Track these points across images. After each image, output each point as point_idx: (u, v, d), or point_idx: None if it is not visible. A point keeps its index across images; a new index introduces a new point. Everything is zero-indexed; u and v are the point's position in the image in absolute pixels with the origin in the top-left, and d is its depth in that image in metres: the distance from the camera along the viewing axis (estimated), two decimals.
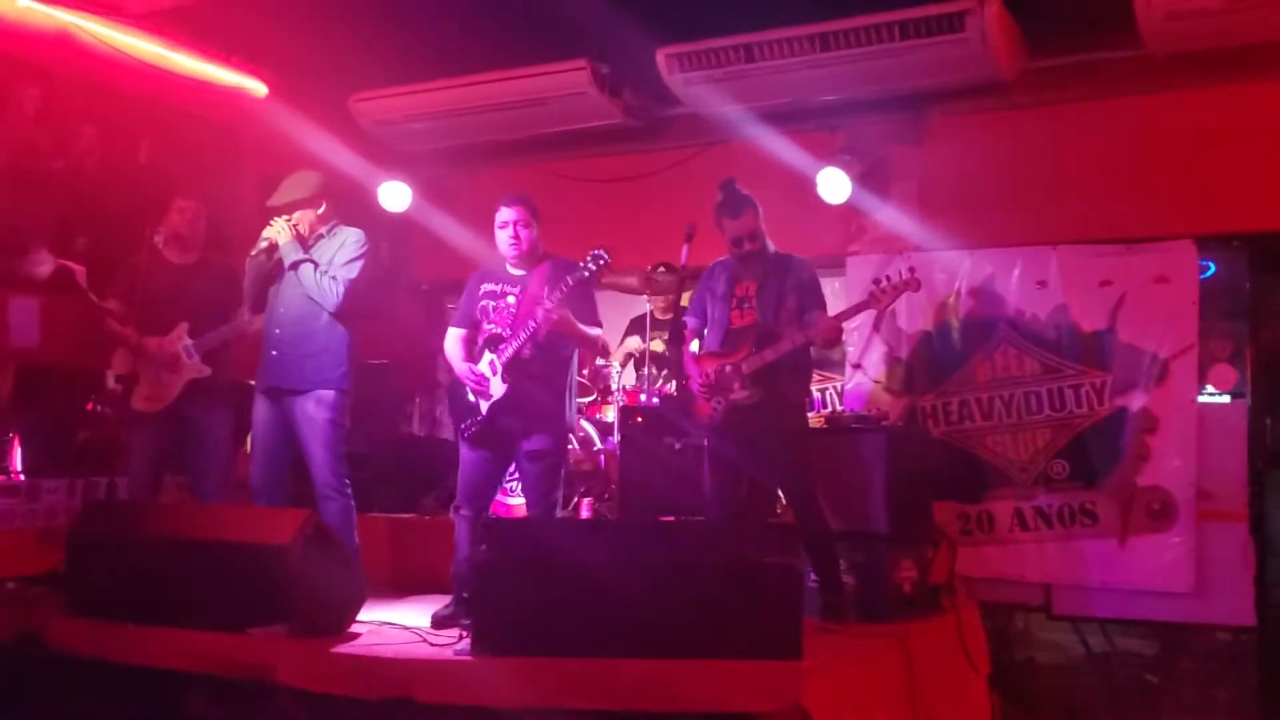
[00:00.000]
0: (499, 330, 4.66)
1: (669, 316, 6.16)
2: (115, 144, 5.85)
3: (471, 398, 4.66)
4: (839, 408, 6.33)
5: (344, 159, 6.55)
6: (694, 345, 4.95)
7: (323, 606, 4.18)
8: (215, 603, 4.10)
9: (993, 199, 6.05)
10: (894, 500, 4.83)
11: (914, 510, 5.04)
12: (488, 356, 4.66)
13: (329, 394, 4.92)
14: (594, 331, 4.75)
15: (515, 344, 4.55)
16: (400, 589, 5.40)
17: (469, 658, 3.80)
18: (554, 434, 4.67)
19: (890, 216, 6.30)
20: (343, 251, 4.98)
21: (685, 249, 5.40)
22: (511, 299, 4.67)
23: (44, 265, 5.37)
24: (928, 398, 6.23)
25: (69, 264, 5.11)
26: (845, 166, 6.11)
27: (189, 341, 5.22)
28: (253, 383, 5.14)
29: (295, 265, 4.91)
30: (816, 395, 6.58)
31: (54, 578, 4.63)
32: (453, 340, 4.84)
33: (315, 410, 4.90)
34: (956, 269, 6.18)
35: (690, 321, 4.95)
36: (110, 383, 5.40)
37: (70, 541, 4.48)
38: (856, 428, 5.14)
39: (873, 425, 5.16)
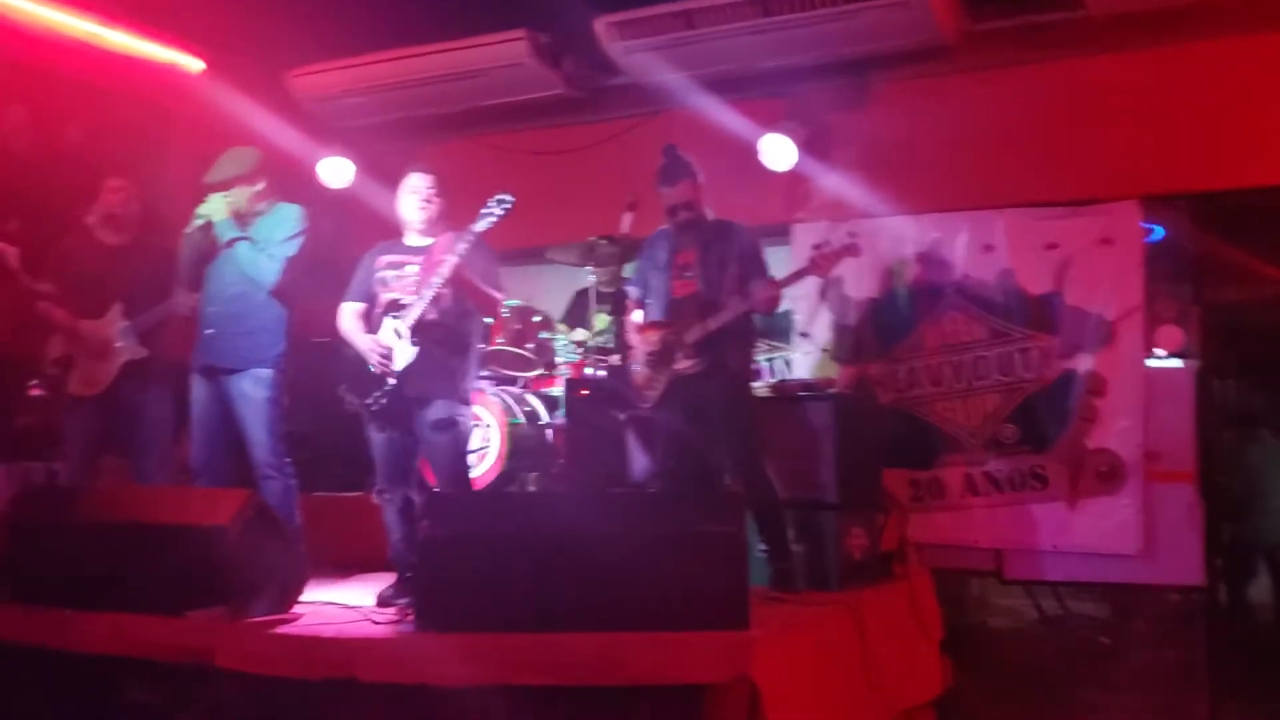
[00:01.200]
0: (399, 297, 4.53)
1: (612, 289, 6.11)
2: (45, 124, 5.73)
3: (376, 369, 4.50)
4: (787, 376, 6.28)
5: (283, 135, 6.44)
6: (637, 316, 4.90)
7: (263, 588, 4.12)
8: (154, 586, 4.04)
9: (938, 164, 6.02)
10: (843, 468, 4.81)
11: (863, 477, 5.03)
12: (390, 324, 4.50)
13: (266, 372, 4.84)
14: (495, 294, 4.64)
15: (420, 305, 4.42)
16: (345, 569, 5.36)
17: (412, 635, 3.77)
18: (458, 399, 4.55)
19: (835, 183, 6.26)
20: (281, 228, 4.88)
21: (628, 218, 5.37)
22: (412, 268, 4.55)
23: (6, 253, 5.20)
24: (876, 365, 6.22)
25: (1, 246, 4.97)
26: (789, 133, 6.06)
27: (124, 323, 5.11)
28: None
29: (231, 243, 4.80)
30: (765, 365, 6.55)
31: None
32: (348, 315, 4.67)
33: (252, 389, 4.82)
34: (903, 235, 6.15)
35: (632, 291, 4.92)
36: (47, 366, 5.26)
37: (6, 527, 4.39)
38: (803, 396, 5.11)
39: (820, 393, 5.13)
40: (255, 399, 4.82)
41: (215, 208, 4.84)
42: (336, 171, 6.98)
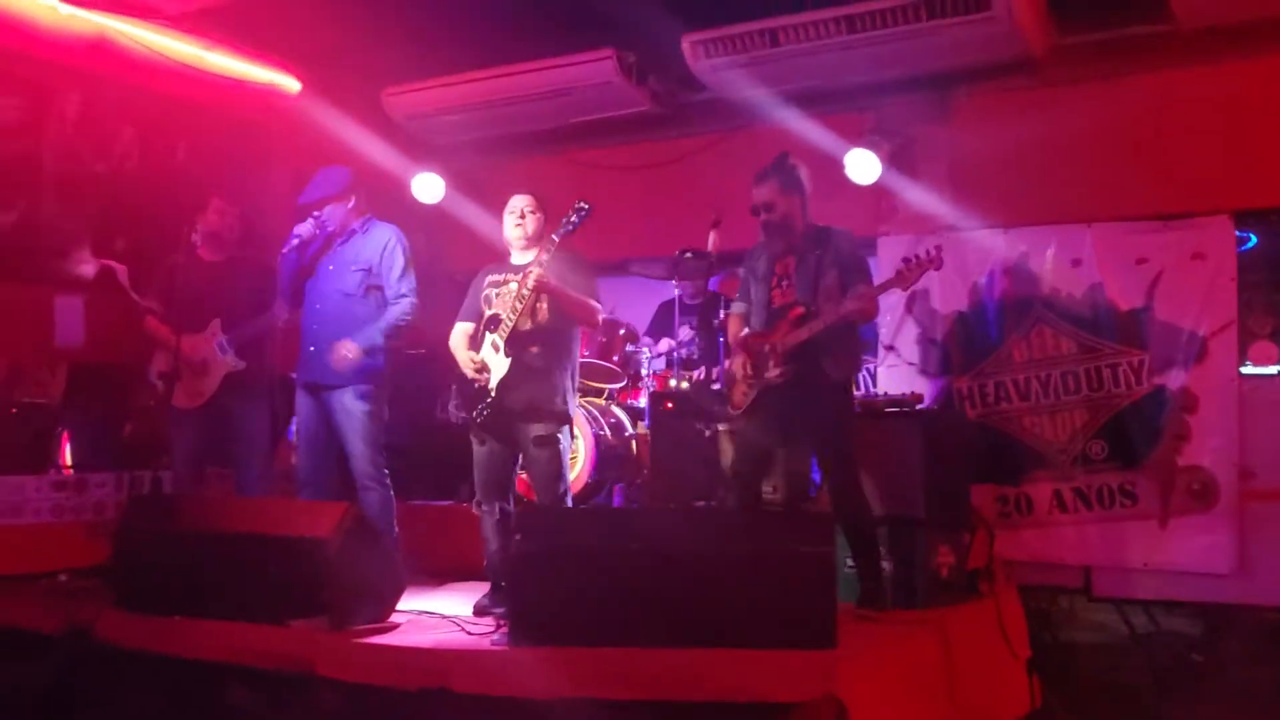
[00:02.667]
0: (497, 312, 4.62)
1: (697, 301, 6.11)
2: (153, 145, 5.92)
3: (478, 384, 4.60)
4: (873, 390, 6.24)
5: (377, 152, 6.61)
6: (744, 329, 4.84)
7: (362, 598, 4.21)
8: (256, 595, 4.15)
9: (1025, 177, 5.92)
10: (930, 484, 4.74)
11: (950, 494, 4.95)
12: (489, 338, 4.61)
13: (366, 387, 4.96)
14: (590, 302, 4.69)
15: (513, 318, 4.51)
16: (440, 577, 5.44)
17: (505, 648, 3.82)
18: (558, 417, 4.63)
19: (920, 197, 6.18)
20: (393, 264, 5.05)
21: (712, 236, 5.35)
22: (514, 285, 4.62)
23: (87, 266, 5.44)
24: (963, 380, 6.13)
25: (110, 263, 5.18)
26: (874, 147, 6.00)
27: (223, 337, 5.27)
28: (293, 375, 5.20)
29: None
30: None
31: (103, 571, 4.68)
32: (458, 334, 4.81)
33: (353, 404, 4.95)
34: (990, 249, 6.06)
35: (737, 306, 4.86)
36: (153, 378, 5.44)
37: (116, 536, 4.55)
38: (891, 411, 5.05)
39: (908, 409, 5.06)
40: (356, 413, 4.95)
41: (310, 227, 5.01)
42: (429, 188, 7.09)
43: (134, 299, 5.14)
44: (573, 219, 4.48)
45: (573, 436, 5.24)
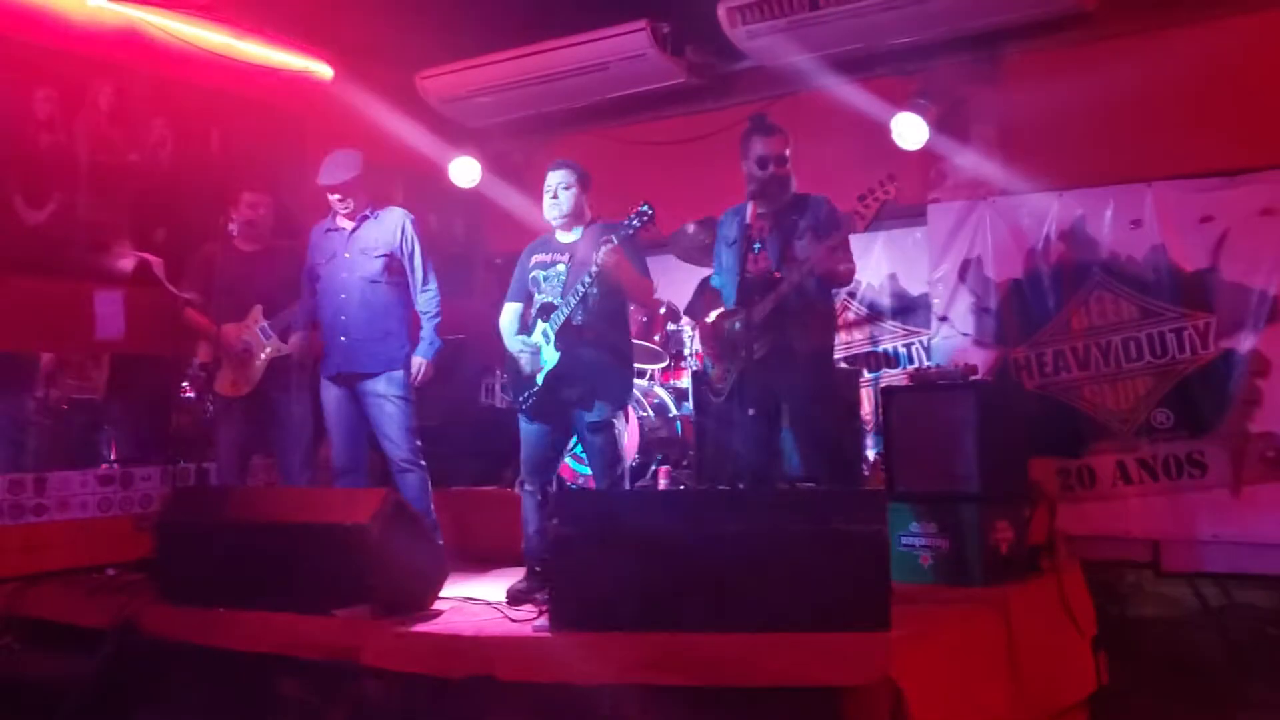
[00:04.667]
0: (550, 299, 4.58)
1: None
2: (187, 135, 5.91)
3: (527, 370, 4.59)
4: (926, 363, 6.10)
5: (414, 137, 6.59)
6: (717, 309, 4.73)
7: (404, 585, 4.20)
8: (300, 585, 4.16)
9: (1080, 136, 5.72)
10: (986, 459, 4.60)
11: (1008, 468, 4.80)
12: (540, 326, 4.59)
13: (397, 373, 5.03)
14: (650, 283, 4.67)
15: (566, 309, 4.47)
16: (485, 563, 5.43)
17: (548, 634, 3.77)
18: (613, 402, 4.58)
19: (971, 160, 6.02)
20: (414, 248, 5.11)
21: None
22: (562, 267, 4.60)
23: (126, 259, 5.47)
24: (1020, 349, 5.96)
25: (146, 256, 5.20)
26: (921, 111, 5.84)
27: (264, 322, 5.31)
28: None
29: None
30: (902, 350, 6.39)
31: (147, 565, 4.70)
32: (508, 315, 4.80)
33: (387, 390, 5.02)
34: (1045, 212, 5.87)
35: (713, 280, 4.73)
36: (196, 369, 5.48)
37: (158, 529, 4.58)
38: (943, 384, 4.91)
39: (960, 381, 4.92)
40: (390, 399, 5.00)
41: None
42: (466, 171, 7.06)
43: (171, 290, 5.14)
44: (634, 222, 4.41)
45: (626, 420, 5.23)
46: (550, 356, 4.52)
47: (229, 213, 5.36)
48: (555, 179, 4.69)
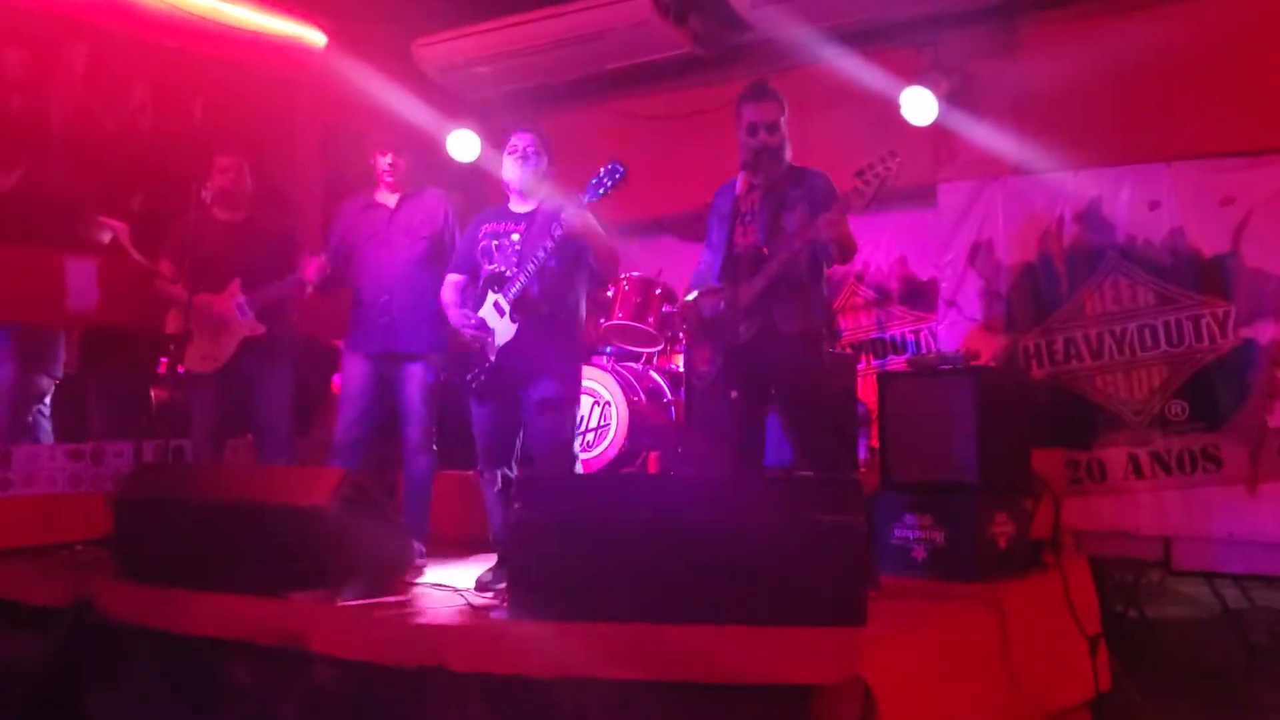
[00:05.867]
0: (502, 269, 4.38)
1: None
2: (169, 102, 5.77)
3: (476, 345, 4.40)
4: (935, 349, 5.95)
5: (409, 108, 6.41)
6: (701, 282, 4.49)
7: (363, 569, 4.05)
8: (256, 567, 4.01)
9: (1096, 113, 5.51)
10: (986, 448, 4.43)
11: (1010, 459, 4.63)
12: (491, 298, 4.38)
13: (436, 357, 4.95)
14: (615, 250, 4.48)
15: (523, 280, 4.28)
16: (471, 547, 5.25)
17: (505, 622, 3.61)
18: (565, 378, 4.39)
19: (983, 137, 5.80)
20: (455, 234, 4.98)
21: None
22: (516, 236, 4.41)
23: (99, 227, 5.34)
24: (1030, 335, 5.76)
25: (111, 222, 5.07)
26: (932, 85, 5.67)
27: (242, 299, 5.16)
28: (313, 338, 5.08)
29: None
30: (910, 337, 6.20)
31: (107, 543, 4.59)
32: (449, 287, 4.60)
33: (424, 373, 4.92)
34: (1059, 193, 5.67)
35: (705, 258, 4.51)
36: (167, 344, 5.34)
37: (117, 505, 4.45)
38: (942, 370, 4.73)
39: (960, 367, 4.73)
40: (425, 382, 4.91)
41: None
42: (464, 145, 6.88)
43: (137, 259, 5.00)
44: (605, 182, 4.20)
45: (594, 398, 5.06)
46: (504, 330, 4.32)
47: (203, 180, 5.20)
48: (525, 141, 4.51)
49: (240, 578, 4.00)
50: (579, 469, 4.54)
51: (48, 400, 5.97)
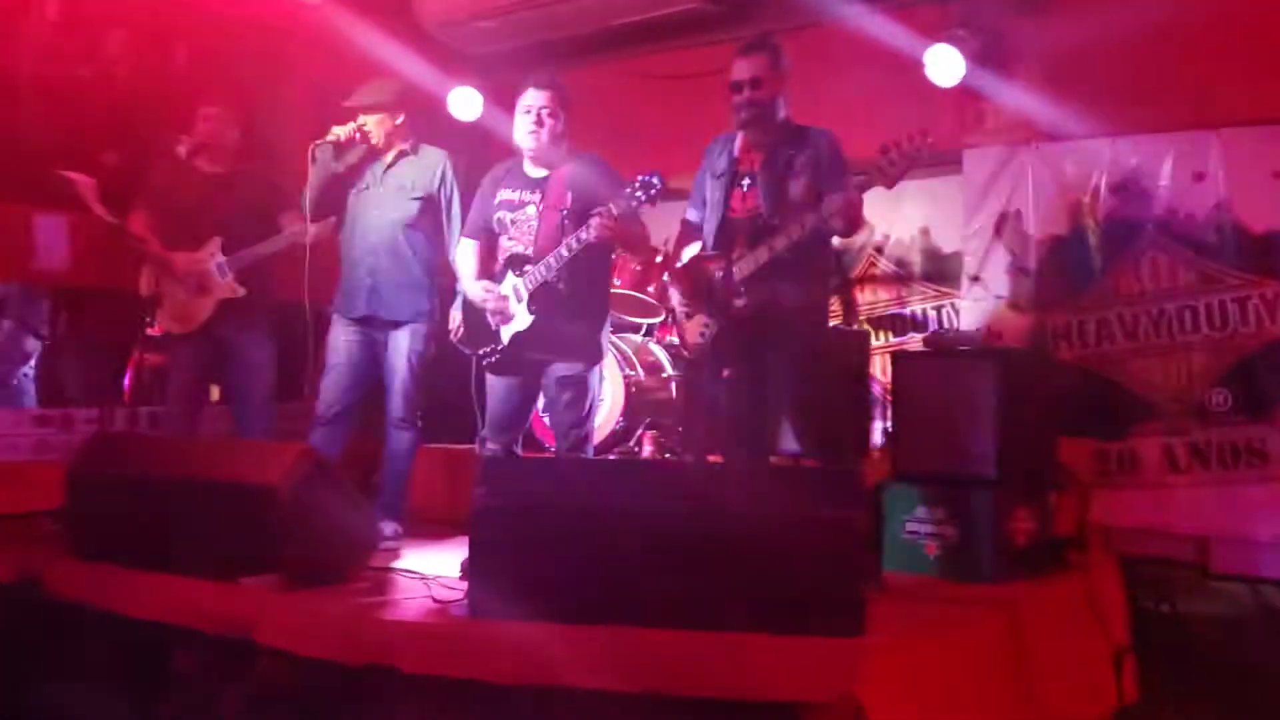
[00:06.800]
0: (522, 249, 4.13)
1: None
2: (148, 49, 5.45)
3: (490, 321, 4.15)
4: (947, 327, 5.62)
5: (408, 64, 6.05)
6: (692, 249, 4.20)
7: (321, 554, 3.73)
8: (206, 548, 3.71)
9: (1137, 75, 5.04)
10: (1006, 437, 4.08)
11: (1033, 449, 4.28)
12: (511, 280, 4.13)
13: (424, 326, 4.70)
14: (648, 237, 4.29)
15: (544, 273, 4.03)
16: (456, 528, 4.88)
17: (464, 620, 3.28)
18: (587, 358, 4.15)
19: (1013, 100, 5.37)
20: (452, 195, 4.78)
21: None
22: (532, 209, 4.15)
23: (63, 182, 5.02)
24: (1059, 315, 5.33)
25: (73, 175, 4.74)
26: (959, 44, 5.25)
27: (221, 259, 4.85)
28: (297, 301, 4.70)
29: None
30: (931, 314, 5.81)
31: (58, 516, 4.30)
32: (465, 253, 4.36)
33: (409, 342, 4.67)
34: (1095, 161, 5.23)
35: (690, 215, 4.23)
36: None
37: (69, 476, 4.16)
38: (961, 351, 4.39)
39: (981, 347, 4.40)
40: (412, 351, 4.67)
41: (353, 128, 4.64)
42: (466, 103, 6.53)
43: (100, 215, 4.69)
44: (639, 195, 3.93)
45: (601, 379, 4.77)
46: (521, 316, 4.09)
47: (180, 131, 4.87)
48: (538, 99, 4.19)
49: (191, 559, 3.71)
50: (590, 450, 4.29)
51: (32, 363, 5.71)
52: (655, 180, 3.92)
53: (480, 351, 4.23)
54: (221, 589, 3.59)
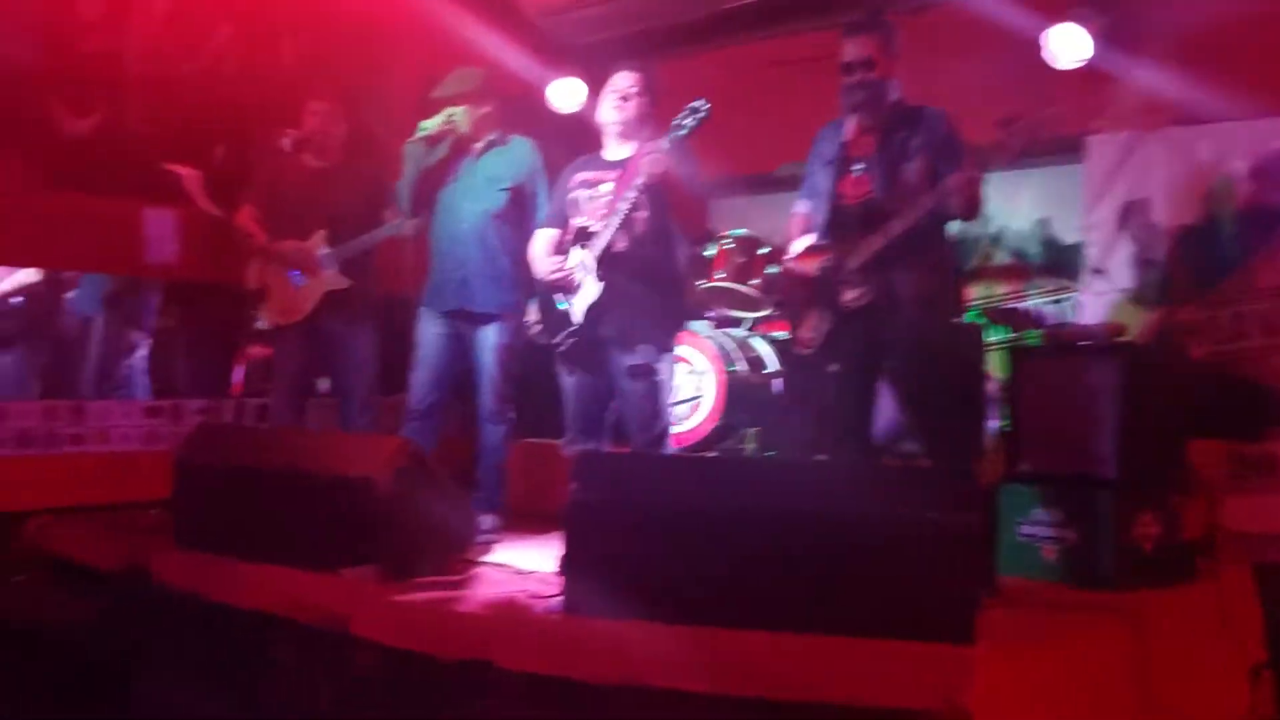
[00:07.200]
0: (592, 224, 4.06)
1: None
2: (255, 45, 5.54)
3: (563, 305, 4.10)
4: (1067, 321, 5.40)
5: (511, 55, 6.07)
6: (802, 242, 4.07)
7: (419, 546, 3.73)
8: (309, 539, 3.74)
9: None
10: (1129, 436, 3.89)
11: (1160, 450, 4.06)
12: (577, 254, 4.06)
13: (514, 320, 4.63)
14: (705, 199, 4.12)
15: (608, 233, 3.95)
16: (554, 522, 4.89)
17: (558, 617, 3.23)
18: (659, 344, 4.05)
19: (1141, 81, 5.15)
20: (539, 188, 4.67)
21: None
22: (607, 186, 4.07)
23: (170, 176, 5.15)
24: (1189, 309, 5.12)
25: (179, 168, 4.85)
26: (1083, 21, 5.07)
27: (327, 250, 4.90)
28: (400, 295, 4.85)
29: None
30: (1052, 308, 5.61)
31: (166, 505, 4.40)
32: (540, 242, 4.30)
33: (499, 335, 4.62)
34: (1231, 145, 5.01)
35: (800, 206, 4.09)
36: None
37: (176, 467, 4.24)
38: (1083, 347, 4.18)
39: (1104, 342, 4.18)
40: (500, 345, 4.61)
41: (442, 121, 4.58)
42: (568, 94, 6.51)
43: (204, 208, 4.78)
44: (686, 121, 3.88)
45: (686, 365, 4.70)
46: (590, 289, 4.00)
47: (287, 126, 4.94)
48: (624, 81, 4.19)
49: (291, 549, 3.74)
50: (670, 444, 4.17)
51: (140, 355, 5.87)
52: (701, 104, 3.86)
53: (556, 340, 4.17)
54: (320, 580, 3.61)
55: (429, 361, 4.69)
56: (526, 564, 3.97)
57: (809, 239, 4.04)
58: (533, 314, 4.37)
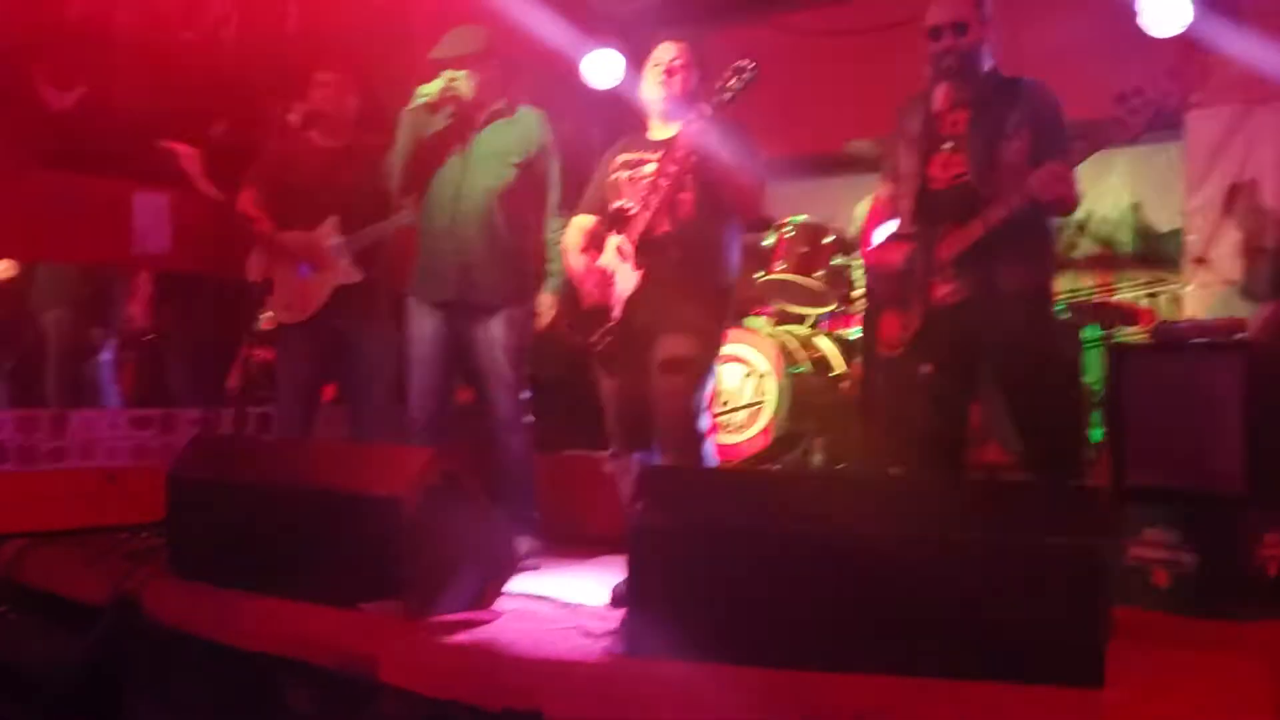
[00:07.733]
0: (629, 205, 3.87)
1: None
2: (257, 10, 5.40)
3: (594, 298, 3.92)
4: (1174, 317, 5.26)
5: (542, 25, 5.90)
6: (886, 228, 3.90)
7: (452, 577, 3.52)
8: (323, 569, 3.55)
9: None
10: (1256, 447, 3.71)
11: None
12: (613, 241, 3.86)
13: (521, 311, 4.46)
14: (753, 178, 3.88)
15: (647, 215, 3.77)
16: (593, 546, 4.73)
17: (618, 659, 3.04)
18: (700, 335, 3.84)
19: (1248, 51, 5.00)
20: (551, 165, 4.54)
21: None
22: (650, 168, 3.87)
23: (166, 153, 4.99)
24: None
25: (176, 146, 4.68)
26: None
27: (338, 239, 4.73)
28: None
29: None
30: (1146, 301, 5.47)
31: (159, 528, 4.24)
32: (574, 230, 4.11)
33: (506, 331, 4.44)
34: None
35: (882, 190, 3.99)
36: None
37: (169, 484, 4.06)
38: (1199, 344, 4.00)
39: (1224, 340, 4.01)
40: (508, 343, 4.43)
41: (441, 86, 4.39)
42: (605, 67, 6.37)
43: (205, 191, 4.61)
44: (732, 83, 3.70)
45: (742, 364, 4.52)
46: (628, 277, 3.81)
47: (293, 99, 4.79)
48: (669, 53, 3.99)
49: (304, 580, 3.55)
50: (707, 450, 3.94)
51: (106, 356, 5.71)
52: (748, 64, 3.69)
53: (593, 339, 3.96)
54: (338, 617, 3.42)
55: (424, 362, 4.51)
56: (572, 595, 3.80)
57: (892, 226, 3.85)
58: (546, 304, 4.28)
